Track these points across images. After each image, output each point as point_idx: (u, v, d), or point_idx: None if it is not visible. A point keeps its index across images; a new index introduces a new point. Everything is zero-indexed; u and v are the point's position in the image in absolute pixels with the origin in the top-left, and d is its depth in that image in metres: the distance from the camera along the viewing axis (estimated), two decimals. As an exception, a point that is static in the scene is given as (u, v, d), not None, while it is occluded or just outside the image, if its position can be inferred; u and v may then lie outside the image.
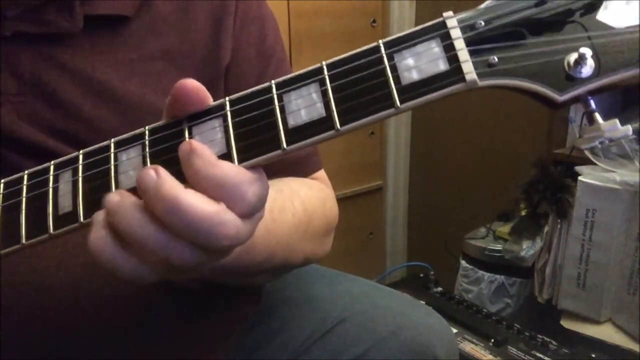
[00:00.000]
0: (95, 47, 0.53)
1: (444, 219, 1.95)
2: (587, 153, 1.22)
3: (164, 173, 0.32)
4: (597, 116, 0.32)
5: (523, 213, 1.40)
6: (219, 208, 0.32)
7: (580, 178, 1.23)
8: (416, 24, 1.65)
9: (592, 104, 0.32)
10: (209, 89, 0.57)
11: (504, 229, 1.51)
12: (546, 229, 1.34)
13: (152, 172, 0.32)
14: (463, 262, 1.56)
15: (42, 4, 0.51)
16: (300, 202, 0.55)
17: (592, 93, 0.32)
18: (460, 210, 1.88)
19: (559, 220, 1.30)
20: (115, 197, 0.33)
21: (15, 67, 0.51)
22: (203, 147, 0.33)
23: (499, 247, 1.47)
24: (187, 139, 0.35)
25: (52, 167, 0.38)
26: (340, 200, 0.65)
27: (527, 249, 1.38)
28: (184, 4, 0.57)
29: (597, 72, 0.31)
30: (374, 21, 1.87)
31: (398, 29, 1.90)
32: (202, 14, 0.58)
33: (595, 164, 1.24)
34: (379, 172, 2.01)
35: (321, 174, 0.66)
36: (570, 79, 0.32)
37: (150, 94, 0.54)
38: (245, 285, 0.62)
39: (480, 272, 1.50)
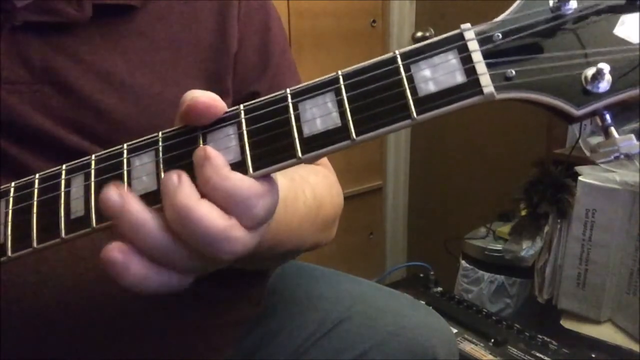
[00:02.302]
0: (104, 36, 0.53)
1: (444, 219, 1.95)
2: (587, 153, 1.21)
3: (185, 180, 0.33)
4: (614, 131, 0.32)
5: (523, 213, 1.40)
6: (230, 224, 0.32)
7: (580, 178, 1.23)
8: (416, 24, 1.67)
9: (609, 118, 0.32)
10: (215, 80, 0.57)
11: (504, 229, 1.51)
12: (546, 229, 1.34)
13: (175, 177, 0.33)
14: (463, 262, 1.56)
15: None
16: (311, 190, 0.54)
17: (609, 108, 0.32)
18: (460, 210, 1.88)
19: (559, 220, 1.30)
20: (116, 198, 0.33)
21: (26, 57, 0.51)
22: (217, 156, 0.33)
23: (499, 247, 1.47)
24: (201, 146, 0.34)
25: (64, 171, 0.38)
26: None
27: (527, 249, 1.38)
28: None
29: (615, 87, 0.31)
30: (374, 21, 1.87)
31: (398, 29, 1.90)
32: (207, 3, 0.58)
33: (595, 164, 1.24)
34: (379, 172, 2.01)
35: (324, 160, 0.66)
36: (587, 93, 0.32)
37: (158, 83, 0.54)
38: (249, 268, 0.61)
39: (480, 272, 1.50)
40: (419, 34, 1.88)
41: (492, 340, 1.21)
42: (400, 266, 1.96)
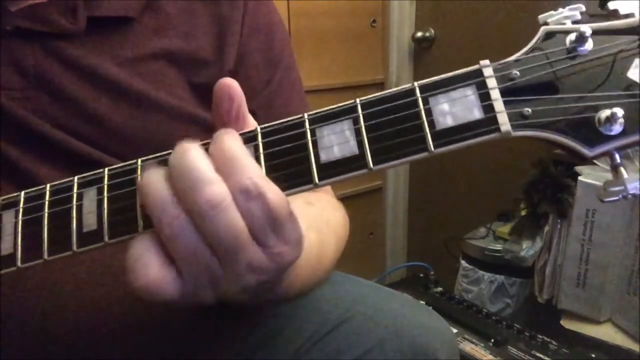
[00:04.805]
0: (99, 45, 0.53)
1: (444, 219, 1.95)
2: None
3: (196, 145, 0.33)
4: (623, 170, 0.33)
5: (523, 213, 1.40)
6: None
7: (580, 178, 1.23)
8: (416, 24, 1.67)
9: (618, 158, 0.33)
10: (209, 95, 0.57)
11: (504, 229, 1.52)
12: (546, 229, 1.34)
13: (185, 144, 0.33)
14: (463, 262, 1.56)
15: (45, 3, 0.50)
16: (334, 238, 0.54)
17: (620, 149, 0.33)
18: (460, 210, 1.88)
19: (559, 220, 1.30)
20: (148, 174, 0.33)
21: (19, 62, 0.50)
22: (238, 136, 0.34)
23: (499, 247, 1.47)
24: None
25: (75, 184, 0.38)
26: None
27: (527, 249, 1.38)
28: (190, 5, 0.57)
29: (627, 130, 0.32)
30: (374, 21, 1.87)
31: (398, 29, 1.90)
32: (207, 17, 0.58)
33: (595, 164, 1.24)
34: (379, 172, 2.01)
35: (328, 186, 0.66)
36: (600, 135, 0.32)
37: (154, 91, 0.54)
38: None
39: (480, 272, 1.50)
40: (419, 34, 1.88)
41: (492, 340, 1.21)
42: (400, 266, 1.96)
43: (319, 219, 0.53)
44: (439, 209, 1.99)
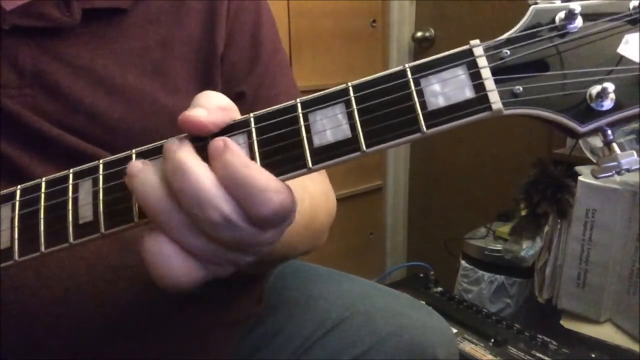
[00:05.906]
0: (94, 39, 0.53)
1: (444, 219, 1.95)
2: (587, 153, 1.22)
3: (187, 142, 0.34)
4: (615, 147, 0.33)
5: (523, 213, 1.40)
6: (221, 193, 0.32)
7: (580, 178, 1.23)
8: (416, 24, 1.67)
9: (610, 134, 0.33)
10: (205, 79, 0.57)
11: (504, 229, 1.51)
12: (546, 229, 1.34)
13: (175, 140, 0.34)
14: (463, 262, 1.56)
15: None
16: (309, 200, 0.54)
17: (611, 125, 0.33)
18: (460, 210, 1.88)
19: (559, 220, 1.30)
20: (138, 164, 0.34)
21: (16, 61, 0.51)
22: (237, 146, 0.33)
23: (499, 247, 1.47)
24: (219, 137, 0.35)
25: (71, 176, 0.38)
26: (340, 200, 0.65)
27: (527, 249, 1.38)
28: None
29: (617, 105, 0.32)
30: (374, 21, 1.87)
31: (398, 29, 1.90)
32: (197, 3, 0.58)
33: (595, 164, 1.24)
34: (379, 172, 2.01)
35: None
36: (591, 110, 0.33)
37: (150, 85, 0.54)
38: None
39: (480, 272, 1.50)
40: (419, 34, 1.88)
41: (492, 340, 1.21)
42: (400, 266, 1.96)
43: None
44: (439, 209, 1.99)
